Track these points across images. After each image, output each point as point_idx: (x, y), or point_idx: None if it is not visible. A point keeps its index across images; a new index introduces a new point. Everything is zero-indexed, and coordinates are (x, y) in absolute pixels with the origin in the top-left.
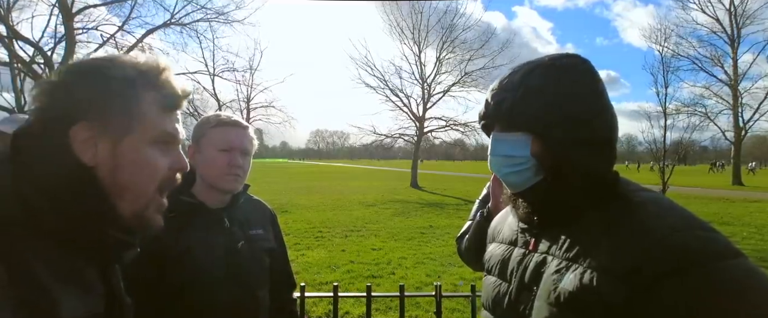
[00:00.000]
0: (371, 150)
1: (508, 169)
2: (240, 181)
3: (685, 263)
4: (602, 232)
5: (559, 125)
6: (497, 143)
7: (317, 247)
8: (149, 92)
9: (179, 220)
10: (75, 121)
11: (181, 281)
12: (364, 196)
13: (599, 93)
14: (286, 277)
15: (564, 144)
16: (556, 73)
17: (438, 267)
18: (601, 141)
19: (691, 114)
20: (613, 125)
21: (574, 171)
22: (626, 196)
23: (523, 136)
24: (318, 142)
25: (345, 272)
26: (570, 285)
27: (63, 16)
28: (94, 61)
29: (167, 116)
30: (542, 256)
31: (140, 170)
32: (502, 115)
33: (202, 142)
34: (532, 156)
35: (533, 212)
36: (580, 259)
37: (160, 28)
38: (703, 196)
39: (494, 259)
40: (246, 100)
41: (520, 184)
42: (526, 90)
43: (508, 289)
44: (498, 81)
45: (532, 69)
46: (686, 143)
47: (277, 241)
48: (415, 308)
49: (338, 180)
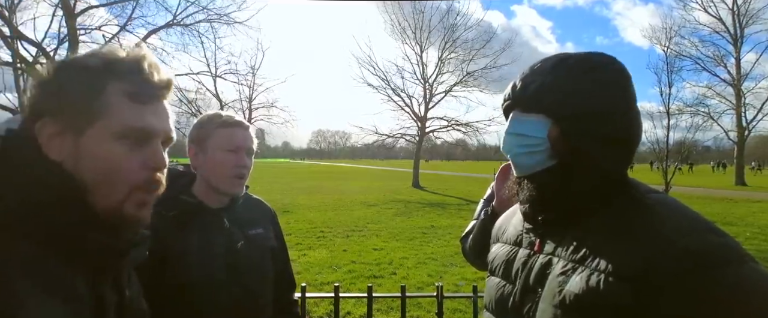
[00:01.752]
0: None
1: (520, 149)
2: (244, 182)
3: (693, 267)
4: (609, 234)
5: (580, 116)
6: (516, 122)
7: (319, 247)
8: (115, 83)
9: (179, 220)
10: (40, 116)
11: (180, 282)
12: (366, 196)
13: (627, 94)
14: (287, 277)
15: (581, 135)
16: (590, 67)
17: (439, 267)
18: (619, 140)
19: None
20: (635, 127)
21: (586, 164)
22: (634, 197)
23: (543, 118)
24: (320, 142)
25: (346, 272)
26: (576, 287)
27: (65, 16)
28: (74, 56)
29: (139, 109)
30: (548, 258)
31: (102, 166)
32: (526, 97)
33: (208, 143)
34: (548, 140)
35: (538, 206)
36: (587, 262)
37: (163, 28)
38: (706, 197)
39: (498, 260)
40: (248, 100)
41: (529, 167)
42: (556, 77)
43: (512, 290)
44: (529, 67)
45: (566, 58)
46: (689, 143)
47: (278, 240)
48: (417, 308)
49: (340, 180)
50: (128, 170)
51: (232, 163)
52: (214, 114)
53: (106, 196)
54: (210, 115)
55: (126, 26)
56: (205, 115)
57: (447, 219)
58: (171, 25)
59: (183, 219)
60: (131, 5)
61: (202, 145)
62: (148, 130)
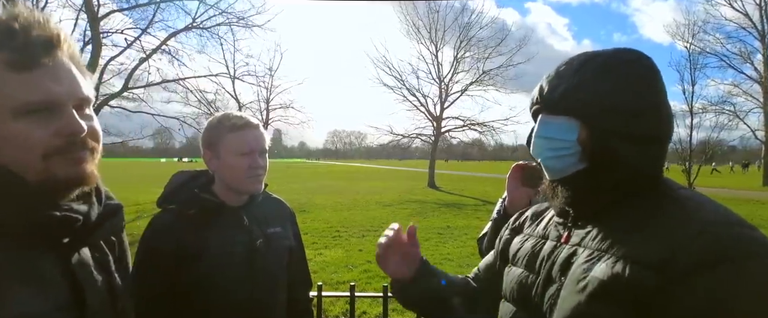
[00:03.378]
0: (388, 150)
1: (550, 153)
2: (262, 180)
3: (717, 257)
4: (637, 223)
5: (609, 116)
6: (544, 125)
7: (335, 246)
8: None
9: (199, 218)
10: None
11: (200, 278)
12: (381, 196)
13: (656, 90)
14: (303, 276)
15: (611, 135)
16: (616, 64)
17: (456, 268)
18: (650, 138)
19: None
20: (665, 124)
21: (618, 165)
22: (664, 191)
23: (572, 121)
24: (335, 143)
25: (362, 272)
26: (600, 273)
27: (89, 20)
28: None
29: (27, 79)
30: (573, 248)
31: (11, 146)
32: (554, 100)
33: (220, 148)
34: (578, 143)
35: (570, 203)
36: (612, 250)
37: (182, 31)
38: (731, 198)
39: (523, 252)
40: (266, 102)
41: (560, 170)
42: (582, 77)
43: (535, 280)
44: (555, 68)
45: (591, 58)
46: (714, 143)
47: (296, 239)
48: None
49: (355, 180)
50: (35, 145)
51: (246, 166)
52: (223, 116)
53: (27, 170)
54: (219, 118)
55: (147, 29)
56: (215, 118)
57: (463, 219)
58: (190, 28)
59: (203, 217)
60: (152, 9)
61: (214, 149)
62: (49, 100)
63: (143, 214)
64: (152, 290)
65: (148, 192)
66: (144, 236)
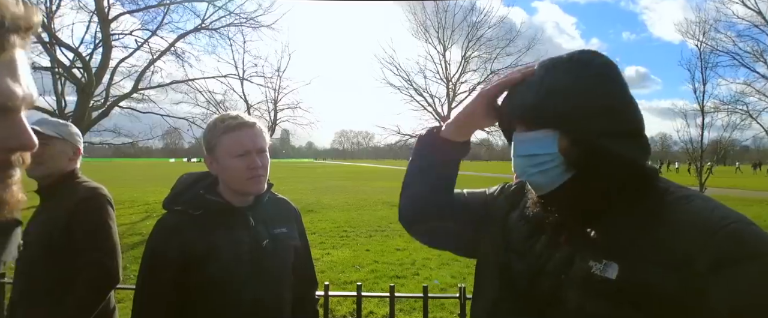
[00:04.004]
0: (395, 150)
1: (534, 170)
2: (263, 180)
3: (740, 254)
4: (647, 223)
5: (586, 119)
6: (520, 144)
7: (342, 246)
8: None
9: (204, 219)
10: None
11: (206, 279)
12: (389, 196)
13: (621, 84)
14: (309, 275)
15: (594, 136)
16: (577, 68)
17: (463, 268)
18: (633, 131)
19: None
20: (638, 115)
21: (608, 162)
22: (668, 190)
23: (549, 132)
24: (343, 143)
25: (369, 272)
26: (613, 274)
27: (100, 23)
28: None
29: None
30: (575, 249)
31: None
32: (525, 116)
33: (217, 152)
34: (560, 153)
35: (565, 214)
36: (623, 251)
37: (191, 32)
38: (742, 198)
39: (518, 235)
40: (273, 102)
41: (547, 185)
42: (548, 88)
43: (527, 269)
44: (516, 85)
45: (549, 67)
46: (725, 142)
47: (301, 239)
48: (440, 310)
49: (362, 180)
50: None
51: (244, 167)
52: (218, 118)
53: None
54: (214, 121)
55: (157, 31)
56: (211, 121)
57: None
58: (199, 30)
59: (208, 218)
60: (162, 11)
61: (213, 153)
62: (3, 101)
63: (152, 214)
64: (158, 290)
65: (157, 192)
66: (150, 238)
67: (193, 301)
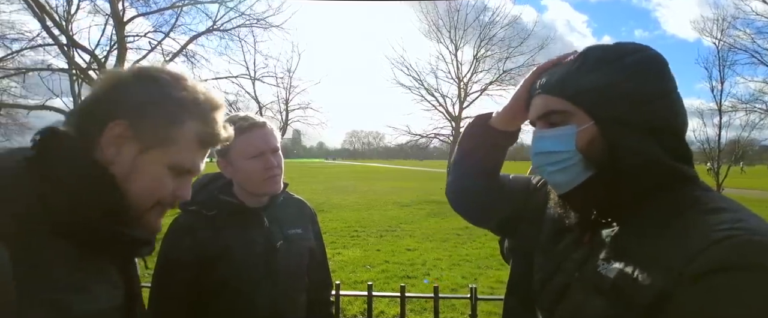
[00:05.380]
0: (406, 150)
1: (552, 168)
2: (279, 179)
3: (735, 262)
4: (657, 225)
5: (614, 102)
6: (539, 140)
7: (353, 246)
8: (195, 122)
9: (219, 219)
10: (118, 116)
11: (220, 280)
12: (399, 197)
13: (664, 77)
14: (324, 276)
15: (618, 124)
16: (619, 52)
17: (474, 269)
18: (662, 127)
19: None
20: (677, 113)
21: (628, 159)
22: (699, 199)
23: (568, 129)
24: (353, 143)
25: (380, 272)
26: (613, 273)
27: (115, 25)
28: (159, 71)
29: (198, 150)
30: (593, 246)
31: (147, 183)
32: (553, 85)
33: (231, 154)
34: (578, 151)
35: (587, 212)
36: (629, 250)
37: (204, 34)
38: (761, 200)
39: (545, 236)
40: (284, 102)
41: (567, 183)
42: (583, 63)
43: (544, 266)
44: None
45: (594, 47)
46: (744, 142)
47: (316, 240)
48: (451, 310)
49: (373, 180)
50: (162, 192)
51: (261, 168)
52: (227, 121)
53: (138, 205)
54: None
55: (170, 33)
56: None
57: None
58: (211, 31)
59: (223, 219)
60: (175, 13)
61: (226, 156)
62: (193, 169)
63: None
64: (171, 290)
65: None
66: (164, 238)
67: (207, 301)
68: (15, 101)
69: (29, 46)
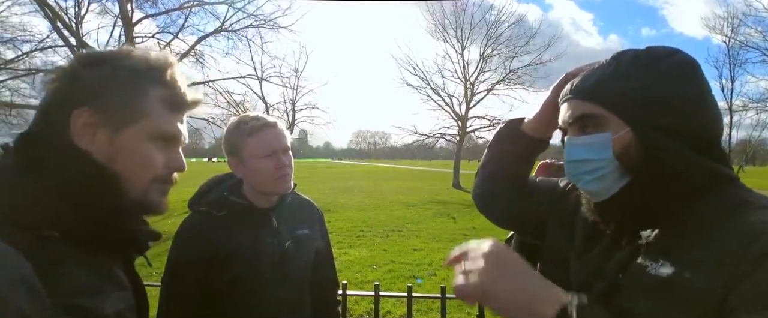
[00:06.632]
0: (412, 150)
1: (588, 177)
2: (290, 179)
3: None
4: (711, 227)
5: (651, 107)
6: (573, 148)
7: (359, 246)
8: (156, 88)
9: (228, 220)
10: (78, 105)
11: (229, 280)
12: (405, 197)
13: (698, 80)
14: (330, 276)
15: (656, 129)
16: (652, 55)
17: None
18: (699, 130)
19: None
20: (713, 115)
21: (671, 162)
22: (746, 200)
23: (603, 136)
24: (360, 143)
25: (386, 272)
26: (665, 273)
27: (124, 26)
28: (104, 52)
29: (171, 115)
30: (634, 250)
31: (136, 162)
32: (586, 90)
33: (243, 154)
34: (614, 158)
35: (624, 221)
36: (677, 251)
37: (212, 34)
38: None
39: (581, 233)
40: (291, 102)
41: (604, 191)
42: (616, 68)
43: (580, 269)
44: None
45: (625, 51)
46: (755, 142)
47: (324, 240)
48: (458, 311)
49: (379, 180)
50: (155, 166)
51: (273, 167)
52: (239, 121)
53: (134, 186)
54: (236, 123)
55: (178, 34)
56: (232, 123)
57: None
58: (219, 32)
59: (232, 219)
60: (183, 14)
61: (238, 156)
62: (176, 135)
63: (173, 213)
64: (181, 290)
65: (178, 191)
66: (174, 238)
67: (216, 302)
68: (26, 102)
69: (39, 47)
